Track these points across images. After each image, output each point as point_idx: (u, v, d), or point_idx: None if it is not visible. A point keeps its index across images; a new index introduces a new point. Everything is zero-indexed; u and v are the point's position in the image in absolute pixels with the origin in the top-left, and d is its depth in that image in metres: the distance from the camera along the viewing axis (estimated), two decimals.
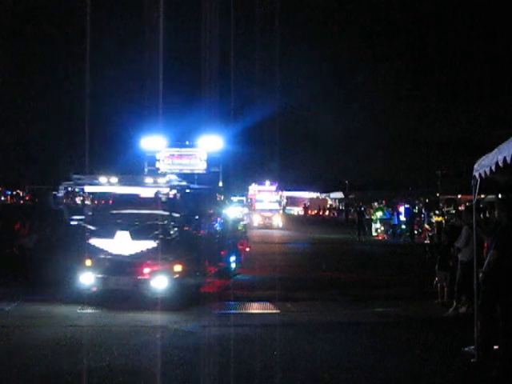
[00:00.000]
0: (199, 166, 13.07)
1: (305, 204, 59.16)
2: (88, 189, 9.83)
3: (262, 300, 10.17)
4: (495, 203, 7.25)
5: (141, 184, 9.55)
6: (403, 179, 52.57)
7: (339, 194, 64.96)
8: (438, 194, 37.69)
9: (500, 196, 10.09)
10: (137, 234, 9.33)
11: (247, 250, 15.11)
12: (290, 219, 41.47)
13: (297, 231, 31.55)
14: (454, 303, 9.28)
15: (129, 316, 8.71)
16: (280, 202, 38.18)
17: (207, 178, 12.92)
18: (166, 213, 9.44)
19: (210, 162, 13.13)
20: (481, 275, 6.57)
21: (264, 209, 35.24)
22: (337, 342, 7.42)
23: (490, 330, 6.44)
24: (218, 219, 12.66)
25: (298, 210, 58.11)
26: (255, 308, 9.69)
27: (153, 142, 13.14)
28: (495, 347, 6.39)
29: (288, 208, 55.83)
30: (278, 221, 34.67)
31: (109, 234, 9.45)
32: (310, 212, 56.96)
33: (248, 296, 10.53)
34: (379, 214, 30.45)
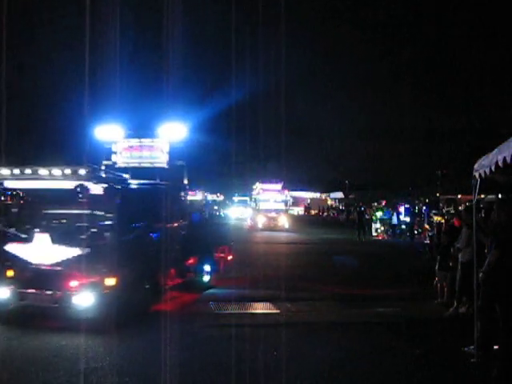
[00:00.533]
0: (161, 159, 11.14)
1: (308, 204, 59.30)
2: (7, 183, 8.25)
3: (262, 300, 10.17)
4: (495, 203, 7.25)
5: (58, 177, 7.73)
6: (403, 179, 52.58)
7: (339, 194, 65.08)
8: (438, 194, 37.71)
9: (500, 196, 10.09)
10: (59, 239, 7.83)
11: (229, 258, 12.65)
12: (292, 219, 41.43)
13: (299, 232, 31.14)
14: (455, 303, 9.29)
15: None
16: (286, 202, 36.18)
17: (171, 173, 10.94)
18: (99, 213, 7.97)
19: (174, 154, 11.16)
20: (481, 275, 6.57)
21: (269, 209, 33.25)
22: (337, 342, 7.43)
23: (490, 330, 6.44)
24: (183, 221, 10.84)
25: (298, 210, 58.23)
26: (255, 308, 9.69)
27: (109, 132, 11.21)
28: (495, 347, 6.39)
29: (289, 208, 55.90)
30: (283, 222, 32.85)
31: (26, 238, 8.04)
32: (310, 212, 57.11)
33: (248, 296, 10.52)
34: (379, 213, 30.51)
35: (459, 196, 34.59)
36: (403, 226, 28.51)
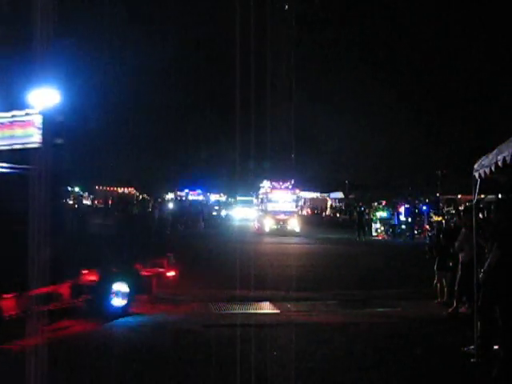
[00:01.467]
0: (36, 138, 8.56)
1: (311, 204, 59.29)
2: None
3: (262, 300, 10.16)
4: (493, 204, 7.26)
5: None
6: (403, 179, 52.54)
7: (339, 194, 65.01)
8: (438, 194, 37.77)
9: (500, 196, 10.10)
10: None
11: (169, 274, 9.42)
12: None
13: (300, 233, 29.99)
14: (454, 303, 9.29)
15: None
16: (297, 202, 32.68)
17: (46, 156, 7.94)
18: None
19: (48, 129, 8.66)
20: (481, 275, 6.57)
21: (278, 210, 29.54)
22: (337, 342, 7.43)
23: (489, 330, 6.44)
24: (58, 221, 7.71)
25: None
26: (255, 308, 9.69)
27: None
28: (495, 347, 6.40)
29: None
30: (293, 225, 29.23)
31: None
32: (313, 212, 57.14)
33: (248, 296, 10.51)
34: (379, 213, 30.56)
35: (459, 196, 34.68)
36: (403, 226, 28.55)
